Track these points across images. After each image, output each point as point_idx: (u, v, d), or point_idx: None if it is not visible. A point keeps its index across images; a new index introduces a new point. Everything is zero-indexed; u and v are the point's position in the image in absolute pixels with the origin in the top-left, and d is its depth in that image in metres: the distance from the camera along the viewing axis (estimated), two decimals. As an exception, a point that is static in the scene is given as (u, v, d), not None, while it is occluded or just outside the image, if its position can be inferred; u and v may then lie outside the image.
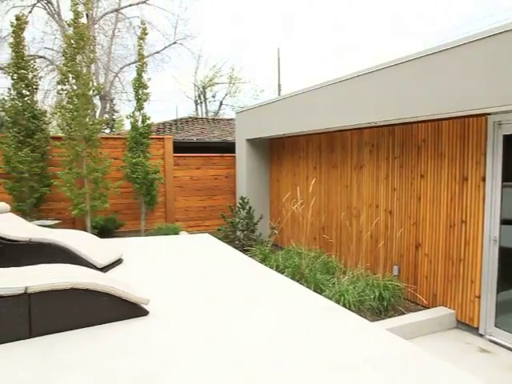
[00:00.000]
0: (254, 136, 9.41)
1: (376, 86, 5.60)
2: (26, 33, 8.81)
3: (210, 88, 30.36)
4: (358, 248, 6.64)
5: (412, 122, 5.67)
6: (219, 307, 2.89)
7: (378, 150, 6.37)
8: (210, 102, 30.82)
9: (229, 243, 6.10)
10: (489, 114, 4.63)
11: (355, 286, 5.37)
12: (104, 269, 3.63)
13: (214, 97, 30.77)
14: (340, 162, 7.27)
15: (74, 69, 8.16)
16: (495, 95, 4.02)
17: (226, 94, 30.63)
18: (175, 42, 21.54)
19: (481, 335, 4.80)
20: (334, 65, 39.01)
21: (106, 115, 21.26)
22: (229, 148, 11.20)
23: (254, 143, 9.72)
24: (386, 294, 5.26)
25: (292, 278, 5.15)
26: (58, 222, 8.34)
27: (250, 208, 8.97)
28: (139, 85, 9.22)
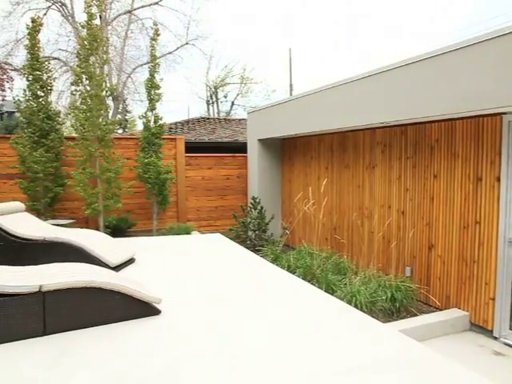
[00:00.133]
0: (266, 136, 9.41)
1: (387, 85, 5.56)
2: (40, 35, 8.92)
3: (221, 88, 30.41)
4: (370, 248, 6.59)
5: (425, 122, 5.62)
6: (230, 307, 2.90)
7: (390, 149, 6.33)
8: (221, 102, 30.90)
9: (240, 243, 6.11)
10: (504, 113, 4.57)
11: (367, 286, 5.34)
12: (116, 268, 3.67)
13: (225, 97, 30.84)
14: (352, 162, 7.24)
15: (87, 70, 8.24)
16: (510, 94, 3.96)
17: (238, 94, 30.68)
18: (187, 43, 21.62)
19: (495, 338, 4.73)
20: (345, 65, 38.88)
21: (119, 116, 21.45)
22: (240, 148, 11.21)
23: (266, 143, 9.72)
24: (398, 295, 5.22)
25: (303, 279, 5.14)
26: (71, 221, 8.44)
27: (262, 208, 8.96)
28: (151, 85, 9.28)
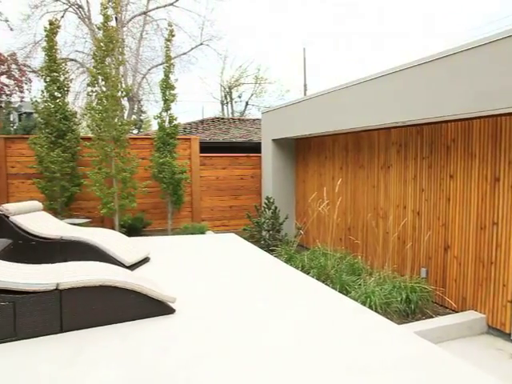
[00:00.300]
0: (280, 136, 9.40)
1: (402, 85, 5.50)
2: (58, 37, 9.06)
3: (235, 88, 30.49)
4: (385, 249, 6.54)
5: (441, 122, 5.55)
6: (244, 307, 2.91)
7: (405, 149, 6.26)
8: (235, 102, 30.96)
9: (254, 243, 6.11)
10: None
11: (382, 287, 5.29)
12: (131, 267, 3.71)
13: (239, 97, 30.91)
14: (367, 162, 7.18)
15: (103, 71, 8.34)
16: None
17: (252, 95, 30.72)
18: (202, 43, 21.71)
19: (513, 341, 4.66)
20: (359, 64, 38.60)
21: (134, 116, 21.67)
22: (254, 148, 11.22)
23: (280, 143, 9.71)
24: (413, 296, 5.17)
25: (317, 279, 5.12)
26: (87, 220, 8.55)
27: (276, 208, 8.96)
28: (166, 86, 9.34)
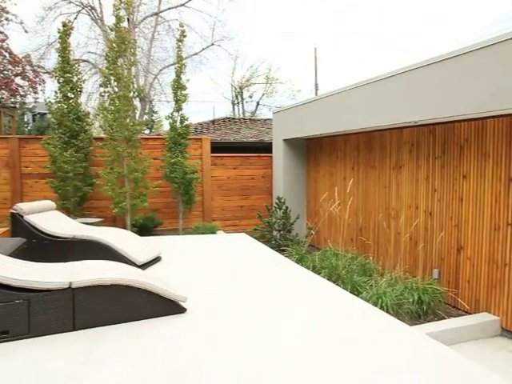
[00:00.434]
0: (291, 136, 9.39)
1: (414, 84, 5.45)
2: (71, 38, 9.18)
3: (246, 88, 30.51)
4: (397, 250, 6.49)
5: (454, 121, 5.49)
6: (255, 307, 2.91)
7: (417, 149, 6.21)
8: (246, 102, 30.99)
9: (265, 243, 6.12)
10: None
11: (393, 288, 5.25)
12: (143, 266, 3.73)
13: (250, 97, 30.91)
14: (378, 162, 7.14)
15: (115, 72, 8.41)
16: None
17: (263, 94, 30.71)
18: (213, 44, 21.81)
19: (527, 343, 4.59)
20: (370, 64, 38.37)
21: (146, 116, 21.81)
22: (265, 148, 11.22)
23: (291, 143, 9.69)
24: (425, 297, 5.12)
25: (328, 279, 5.10)
26: (99, 219, 8.63)
27: (287, 208, 8.94)
28: (178, 86, 9.39)
